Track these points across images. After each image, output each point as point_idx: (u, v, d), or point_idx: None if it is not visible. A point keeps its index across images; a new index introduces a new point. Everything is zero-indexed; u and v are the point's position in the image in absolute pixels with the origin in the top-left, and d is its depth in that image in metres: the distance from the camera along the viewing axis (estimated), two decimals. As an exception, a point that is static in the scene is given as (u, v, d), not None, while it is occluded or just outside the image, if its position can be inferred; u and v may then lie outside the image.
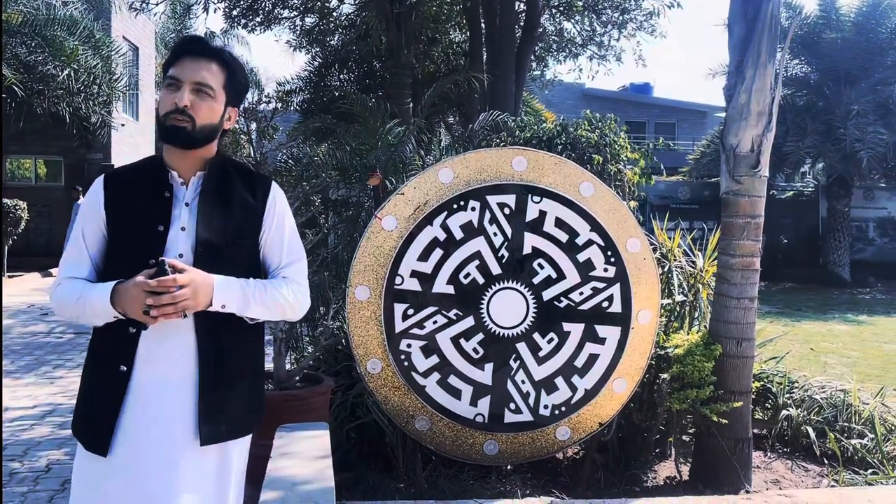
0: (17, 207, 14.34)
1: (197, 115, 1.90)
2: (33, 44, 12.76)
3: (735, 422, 3.95)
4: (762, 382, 4.89)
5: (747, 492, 3.90)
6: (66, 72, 12.72)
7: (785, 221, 17.42)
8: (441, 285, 3.76)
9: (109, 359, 1.88)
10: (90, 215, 1.96)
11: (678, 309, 4.69)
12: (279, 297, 2.00)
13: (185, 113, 1.89)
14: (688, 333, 4.31)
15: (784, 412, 4.75)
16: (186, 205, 1.95)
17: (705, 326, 4.44)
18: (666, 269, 4.66)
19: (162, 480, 1.84)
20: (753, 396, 4.34)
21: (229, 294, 1.90)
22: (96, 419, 1.87)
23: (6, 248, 11.14)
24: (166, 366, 1.88)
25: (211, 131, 1.95)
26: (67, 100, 13.25)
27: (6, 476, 4.22)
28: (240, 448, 2.01)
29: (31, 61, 12.81)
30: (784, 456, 4.58)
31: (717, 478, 3.97)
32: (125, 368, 1.85)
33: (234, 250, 1.96)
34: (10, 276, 14.14)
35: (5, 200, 14.43)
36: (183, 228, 1.93)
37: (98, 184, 1.98)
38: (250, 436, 2.06)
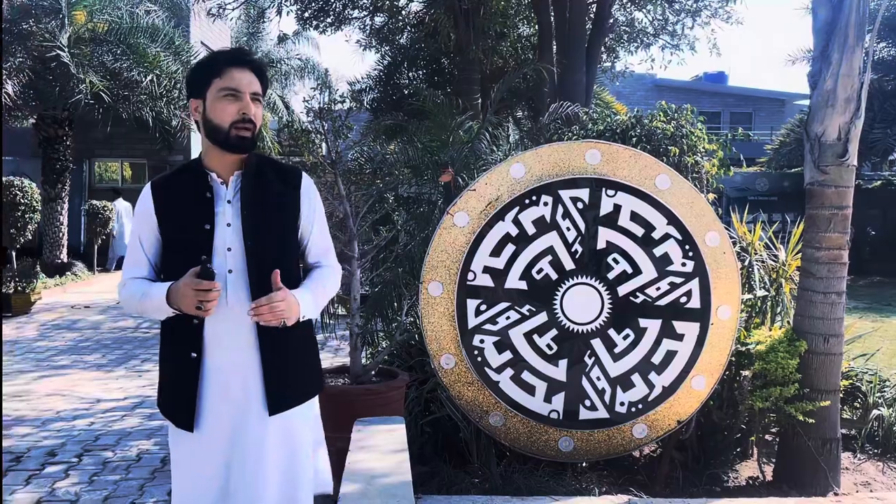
0: (106, 209, 15.03)
1: (257, 121, 2.12)
2: (118, 51, 13.31)
3: (822, 421, 3.81)
4: (851, 381, 4.69)
5: (836, 494, 3.74)
6: (149, 77, 13.22)
7: (872, 212, 16.56)
8: (513, 281, 3.75)
9: (181, 347, 2.10)
10: (144, 221, 2.15)
11: (759, 304, 4.54)
12: (331, 291, 2.29)
13: (251, 121, 2.09)
14: (770, 329, 4.17)
15: (875, 412, 4.54)
16: (228, 202, 2.12)
17: (788, 322, 4.29)
18: (746, 263, 4.52)
19: (238, 450, 2.10)
20: (842, 395, 4.16)
21: (307, 307, 2.15)
22: (180, 400, 2.12)
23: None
24: (232, 350, 2.09)
25: (259, 133, 2.16)
26: (150, 104, 13.78)
27: (99, 465, 4.44)
28: (303, 417, 2.21)
29: (117, 68, 13.37)
30: (875, 457, 4.38)
31: (803, 479, 3.83)
32: (195, 355, 2.08)
33: (277, 240, 2.14)
34: (98, 272, 14.84)
35: (93, 202, 15.14)
36: (228, 224, 2.10)
37: (146, 192, 2.17)
38: (315, 406, 2.28)
